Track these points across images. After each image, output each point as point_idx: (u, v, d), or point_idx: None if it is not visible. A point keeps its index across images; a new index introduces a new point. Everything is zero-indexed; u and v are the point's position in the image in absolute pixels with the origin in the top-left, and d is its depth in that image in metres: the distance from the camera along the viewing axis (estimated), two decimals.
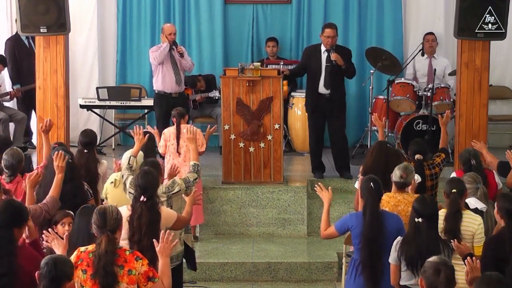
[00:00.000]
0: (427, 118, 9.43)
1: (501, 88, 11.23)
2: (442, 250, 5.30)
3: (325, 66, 9.15)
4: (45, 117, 8.76)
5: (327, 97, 9.20)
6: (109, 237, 4.76)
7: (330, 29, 9.15)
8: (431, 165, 7.27)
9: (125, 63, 11.44)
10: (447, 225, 5.70)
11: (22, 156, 6.78)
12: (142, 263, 4.80)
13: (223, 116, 9.00)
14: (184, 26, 11.27)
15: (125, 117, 11.19)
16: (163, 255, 4.94)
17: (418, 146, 7.26)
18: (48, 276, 4.34)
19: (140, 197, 5.63)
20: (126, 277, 4.74)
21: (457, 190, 5.83)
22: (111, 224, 4.81)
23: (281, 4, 11.42)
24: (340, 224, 5.96)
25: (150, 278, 4.79)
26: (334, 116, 9.26)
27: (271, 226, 8.88)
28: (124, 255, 4.80)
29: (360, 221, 5.78)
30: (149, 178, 5.73)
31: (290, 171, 9.86)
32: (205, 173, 9.02)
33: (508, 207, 5.33)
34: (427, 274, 4.40)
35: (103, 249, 4.72)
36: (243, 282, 8.03)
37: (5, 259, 4.80)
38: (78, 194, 6.33)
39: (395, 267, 5.48)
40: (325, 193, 6.18)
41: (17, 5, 8.56)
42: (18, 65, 10.64)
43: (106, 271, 4.69)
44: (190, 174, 6.60)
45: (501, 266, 5.07)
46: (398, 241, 5.46)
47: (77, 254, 4.83)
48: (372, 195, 5.76)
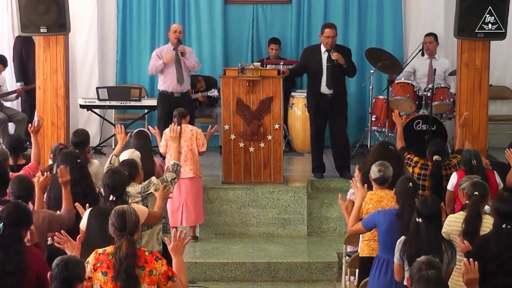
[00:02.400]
0: (427, 118, 9.43)
1: (501, 88, 11.23)
2: (445, 250, 5.29)
3: (326, 66, 9.15)
4: (45, 117, 8.78)
5: (329, 97, 9.20)
6: (129, 240, 4.73)
7: (329, 29, 9.15)
8: (447, 166, 7.32)
9: (125, 63, 11.44)
10: (467, 227, 5.67)
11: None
12: (161, 263, 4.79)
13: (223, 116, 8.99)
14: (184, 26, 11.25)
15: (125, 117, 11.19)
16: (176, 253, 4.91)
17: (437, 146, 7.33)
18: (59, 277, 4.33)
19: (109, 197, 5.60)
20: (147, 277, 4.72)
21: (479, 193, 5.82)
22: (130, 226, 4.79)
23: (281, 4, 11.42)
24: (367, 220, 6.00)
25: (170, 277, 4.78)
26: (337, 116, 9.26)
27: (271, 226, 8.88)
28: (144, 256, 4.77)
29: (387, 219, 5.80)
30: (116, 177, 5.69)
31: (290, 171, 9.86)
32: (205, 173, 9.02)
33: (496, 206, 5.36)
34: (412, 273, 4.50)
35: (124, 252, 4.69)
36: (243, 282, 8.03)
37: (15, 258, 4.83)
38: (89, 194, 6.30)
39: (399, 266, 5.48)
40: (360, 189, 6.21)
41: (17, 5, 8.56)
42: (23, 63, 10.65)
43: (128, 274, 4.66)
44: (169, 174, 6.60)
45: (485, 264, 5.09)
46: (401, 240, 5.46)
47: (95, 256, 4.79)
48: (411, 195, 5.78)
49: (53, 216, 5.85)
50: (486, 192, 5.90)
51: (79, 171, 6.31)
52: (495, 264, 5.16)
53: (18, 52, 10.66)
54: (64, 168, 6.08)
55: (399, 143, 7.74)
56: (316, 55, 9.24)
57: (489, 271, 5.06)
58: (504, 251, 5.20)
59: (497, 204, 5.38)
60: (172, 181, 6.55)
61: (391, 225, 5.80)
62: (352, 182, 6.38)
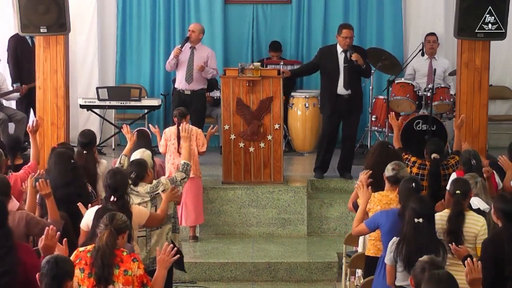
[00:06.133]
0: (427, 118, 9.43)
1: (501, 88, 11.22)
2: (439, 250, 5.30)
3: (343, 66, 9.12)
4: (45, 117, 8.77)
5: (346, 97, 9.16)
6: (111, 232, 4.74)
7: (347, 30, 9.12)
8: (445, 166, 7.33)
9: (125, 63, 11.44)
10: (450, 226, 5.68)
11: None
12: (138, 265, 4.78)
13: (223, 116, 9.00)
14: (184, 26, 11.26)
15: (125, 117, 11.18)
16: (161, 267, 4.90)
17: (435, 146, 7.33)
18: (50, 274, 4.33)
19: (110, 197, 5.60)
20: (122, 277, 4.72)
21: (461, 191, 5.82)
22: (117, 224, 4.79)
23: (281, 4, 11.41)
24: (370, 221, 6.00)
25: (144, 284, 4.77)
26: (352, 117, 9.25)
27: (271, 226, 8.88)
28: (121, 255, 4.78)
29: (390, 219, 5.80)
30: (117, 178, 5.69)
31: (290, 171, 9.86)
32: (205, 173, 9.03)
33: (503, 208, 5.32)
34: (415, 272, 4.47)
35: (103, 241, 4.71)
36: (243, 282, 8.03)
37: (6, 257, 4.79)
38: (83, 194, 6.30)
39: (391, 268, 5.48)
40: (365, 191, 6.19)
41: (17, 5, 8.56)
42: (19, 64, 10.63)
43: (103, 263, 4.67)
44: (178, 173, 6.59)
45: (500, 266, 5.06)
46: (394, 241, 5.45)
47: (76, 254, 4.82)
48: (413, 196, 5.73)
49: (31, 219, 5.69)
50: (467, 189, 5.90)
51: (72, 171, 6.30)
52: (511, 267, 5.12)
53: (14, 53, 10.64)
54: (44, 181, 5.91)
55: (396, 144, 7.74)
56: (333, 55, 9.18)
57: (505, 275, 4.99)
58: None
59: (502, 206, 5.32)
60: (182, 181, 6.54)
61: (394, 225, 5.78)
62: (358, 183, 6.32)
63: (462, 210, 5.77)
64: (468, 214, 5.81)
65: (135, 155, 6.73)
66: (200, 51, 9.92)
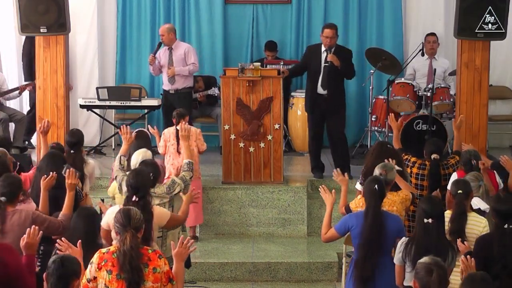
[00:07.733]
0: (427, 118, 9.43)
1: (501, 88, 11.22)
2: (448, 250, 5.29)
3: (323, 66, 9.15)
4: (45, 117, 8.77)
5: (324, 97, 9.19)
6: (133, 234, 4.70)
7: (329, 29, 9.13)
8: (445, 166, 7.33)
9: (124, 63, 11.44)
10: (452, 226, 5.68)
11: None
12: (164, 262, 4.77)
13: (223, 116, 9.00)
14: (184, 26, 11.27)
15: (125, 117, 11.18)
16: (178, 260, 4.91)
17: (435, 146, 7.34)
18: (56, 273, 4.32)
19: (132, 197, 5.59)
20: (152, 275, 4.69)
21: (462, 191, 5.82)
22: (134, 223, 4.76)
23: (281, 4, 11.42)
24: (340, 225, 5.92)
25: (170, 279, 4.76)
26: (333, 115, 9.25)
27: (271, 226, 8.88)
28: (147, 253, 4.75)
29: (360, 221, 5.76)
30: (140, 178, 5.69)
31: (290, 171, 9.86)
32: (205, 173, 9.03)
33: (496, 207, 5.37)
34: (420, 275, 4.44)
35: (128, 244, 4.66)
36: (243, 282, 8.03)
37: None
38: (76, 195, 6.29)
39: (400, 268, 5.47)
40: (328, 195, 6.15)
41: (17, 5, 8.57)
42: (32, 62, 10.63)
43: (132, 266, 4.62)
44: (186, 172, 6.62)
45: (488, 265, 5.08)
46: (403, 242, 5.44)
47: (99, 255, 4.76)
48: (376, 197, 5.74)
49: (37, 217, 5.72)
50: (469, 189, 5.90)
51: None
52: (499, 266, 5.14)
53: (28, 51, 10.64)
54: (74, 171, 6.04)
55: (396, 145, 7.73)
56: (317, 54, 9.22)
57: (492, 273, 5.02)
58: (507, 252, 5.18)
59: (497, 205, 5.38)
60: (190, 179, 6.60)
61: None
62: (321, 188, 6.27)
63: (464, 211, 5.78)
64: (470, 215, 5.81)
65: (136, 155, 6.73)
66: (177, 50, 9.98)
